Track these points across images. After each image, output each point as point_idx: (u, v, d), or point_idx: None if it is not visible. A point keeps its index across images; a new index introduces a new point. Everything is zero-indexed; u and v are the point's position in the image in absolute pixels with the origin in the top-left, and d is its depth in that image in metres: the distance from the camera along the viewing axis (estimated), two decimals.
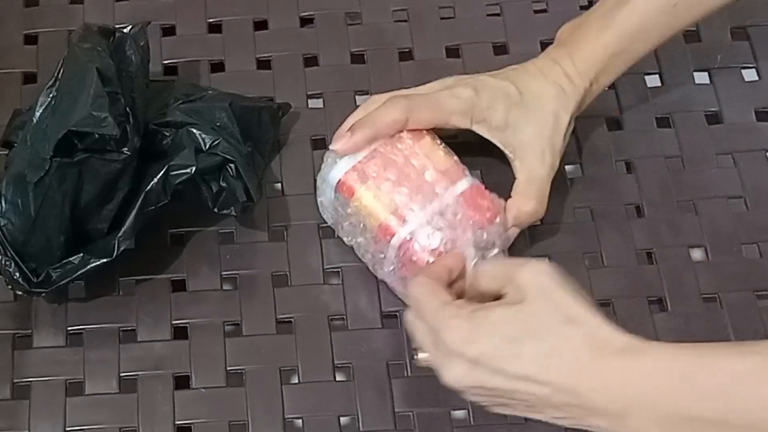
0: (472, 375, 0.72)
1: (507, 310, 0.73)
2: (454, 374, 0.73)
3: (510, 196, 0.84)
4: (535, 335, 0.71)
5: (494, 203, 0.82)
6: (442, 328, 0.73)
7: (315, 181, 0.87)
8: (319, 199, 0.86)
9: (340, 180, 0.82)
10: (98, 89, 0.79)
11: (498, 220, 0.82)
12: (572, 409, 0.71)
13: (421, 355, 0.76)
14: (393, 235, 0.81)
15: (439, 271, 0.78)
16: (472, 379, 0.73)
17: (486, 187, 0.83)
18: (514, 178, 0.85)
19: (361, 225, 0.83)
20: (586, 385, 0.70)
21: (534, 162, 0.85)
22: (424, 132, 0.84)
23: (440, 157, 0.83)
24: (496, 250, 0.82)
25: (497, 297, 0.75)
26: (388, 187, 0.81)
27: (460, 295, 0.77)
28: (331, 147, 0.84)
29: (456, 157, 0.84)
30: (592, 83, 0.86)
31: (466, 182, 0.82)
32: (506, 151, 0.85)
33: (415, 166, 0.82)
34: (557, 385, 0.70)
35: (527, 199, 0.84)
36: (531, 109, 0.85)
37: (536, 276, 0.73)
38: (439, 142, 0.84)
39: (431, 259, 0.80)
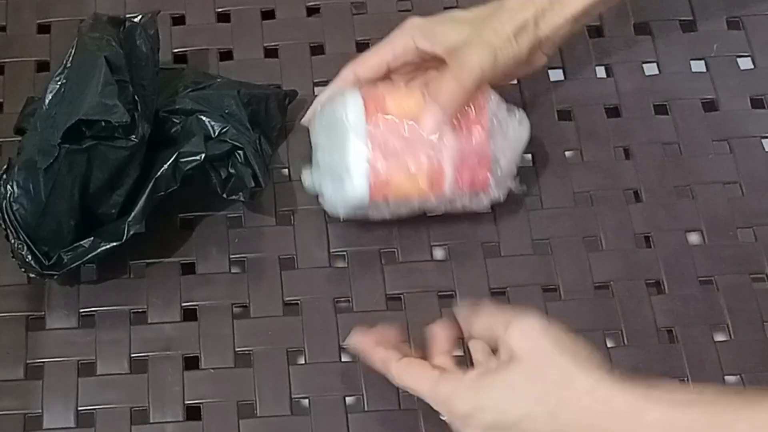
0: None
1: (506, 374, 0.71)
2: None
3: None
4: (530, 397, 0.70)
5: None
6: (448, 402, 0.73)
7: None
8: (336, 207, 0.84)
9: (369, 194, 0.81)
10: (107, 77, 0.78)
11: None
12: None
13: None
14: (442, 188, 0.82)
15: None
16: None
17: None
18: None
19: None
20: None
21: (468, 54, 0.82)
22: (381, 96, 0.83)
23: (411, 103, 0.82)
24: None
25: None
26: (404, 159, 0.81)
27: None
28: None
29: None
30: None
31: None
32: (445, 57, 0.83)
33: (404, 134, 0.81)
34: None
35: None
36: (475, 20, 0.83)
37: (526, 337, 0.72)
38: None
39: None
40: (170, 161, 0.81)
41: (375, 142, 0.80)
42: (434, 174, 0.81)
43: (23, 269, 0.81)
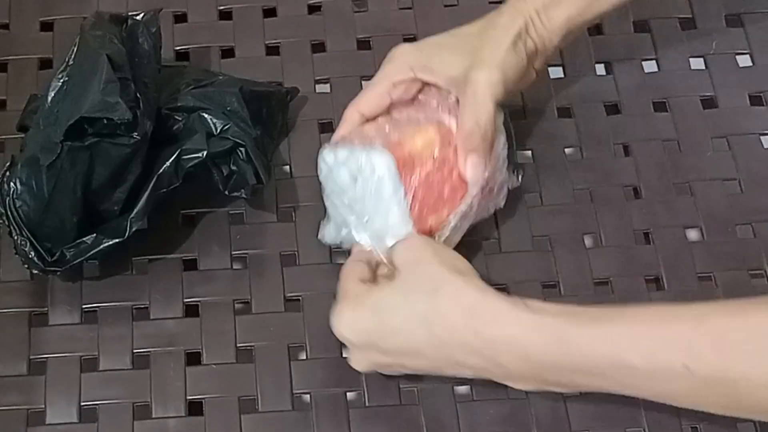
0: (365, 357, 0.76)
1: (381, 290, 0.75)
2: (353, 360, 0.78)
3: None
4: (402, 308, 0.73)
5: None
6: (336, 327, 0.76)
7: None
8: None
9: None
10: (109, 75, 0.78)
11: None
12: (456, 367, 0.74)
13: None
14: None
15: None
16: (367, 361, 0.77)
17: None
18: None
19: None
20: (457, 348, 0.71)
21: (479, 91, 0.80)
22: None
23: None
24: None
25: None
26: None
27: None
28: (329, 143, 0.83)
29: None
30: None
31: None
32: (451, 89, 0.82)
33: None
34: (429, 354, 0.72)
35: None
36: (470, 44, 0.82)
37: (405, 251, 0.76)
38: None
39: None
40: (172, 158, 0.81)
41: (414, 199, 0.79)
42: (465, 209, 0.81)
43: (26, 265, 0.81)
